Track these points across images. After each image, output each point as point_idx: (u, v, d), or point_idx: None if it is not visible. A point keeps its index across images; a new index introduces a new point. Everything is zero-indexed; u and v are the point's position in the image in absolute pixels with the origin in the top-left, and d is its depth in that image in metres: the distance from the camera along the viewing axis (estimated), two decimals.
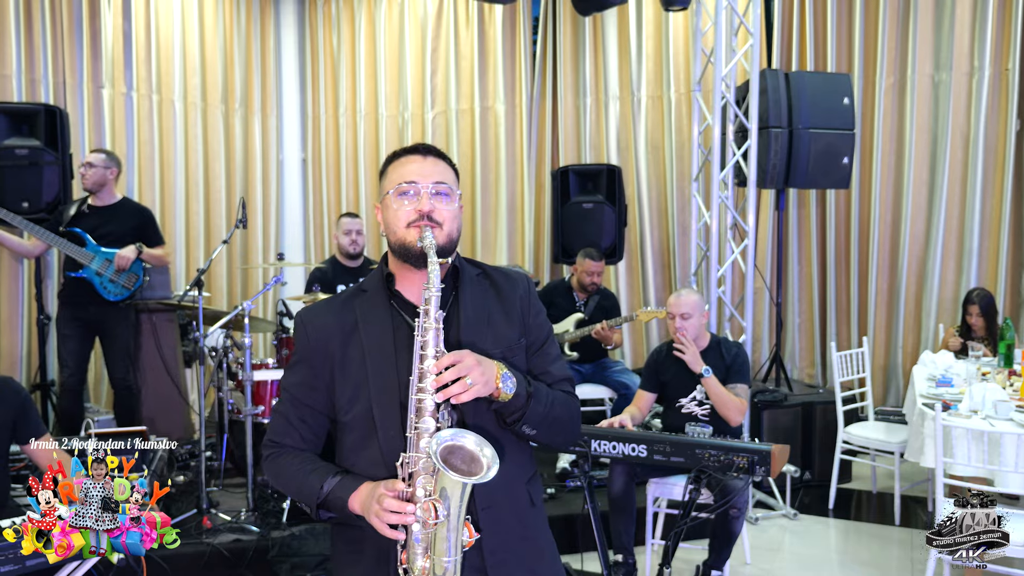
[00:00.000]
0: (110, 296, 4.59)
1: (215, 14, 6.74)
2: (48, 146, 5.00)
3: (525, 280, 1.88)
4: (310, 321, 1.82)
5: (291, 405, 1.81)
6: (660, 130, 6.68)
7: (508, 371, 1.65)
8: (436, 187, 1.74)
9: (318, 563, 3.55)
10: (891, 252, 6.09)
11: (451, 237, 1.74)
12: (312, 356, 1.79)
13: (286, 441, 1.80)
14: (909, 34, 5.91)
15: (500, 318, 1.80)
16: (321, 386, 1.77)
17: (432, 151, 1.81)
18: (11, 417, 2.94)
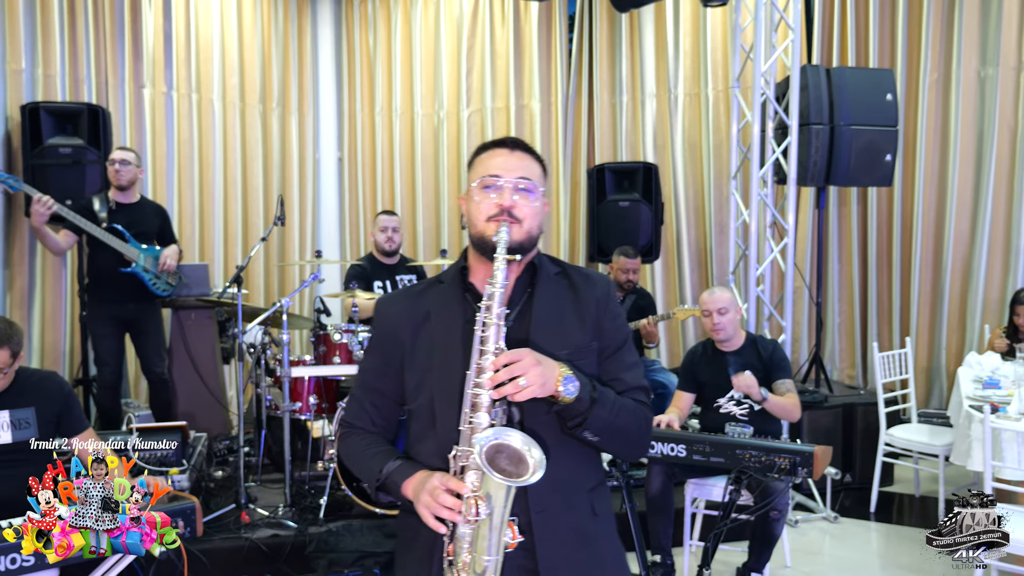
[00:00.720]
0: (159, 291, 4.66)
1: (253, 14, 6.80)
2: (91, 144, 5.09)
3: (605, 282, 1.83)
4: (385, 309, 1.85)
5: (364, 389, 1.85)
6: (697, 128, 6.62)
7: (572, 374, 1.60)
8: (520, 182, 1.71)
9: (355, 559, 3.55)
10: (935, 251, 5.96)
11: (531, 234, 1.71)
12: (384, 343, 1.81)
13: (358, 423, 1.84)
14: (954, 28, 5.79)
15: (573, 319, 1.75)
16: (392, 373, 1.79)
17: (520, 145, 1.78)
18: (55, 411, 2.99)
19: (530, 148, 1.79)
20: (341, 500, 4.11)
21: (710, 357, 3.88)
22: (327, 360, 4.28)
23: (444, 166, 7.14)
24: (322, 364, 4.28)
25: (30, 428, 2.92)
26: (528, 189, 1.71)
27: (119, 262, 4.52)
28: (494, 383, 1.55)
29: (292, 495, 4.14)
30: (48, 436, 2.96)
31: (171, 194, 6.12)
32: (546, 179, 1.80)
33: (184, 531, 2.73)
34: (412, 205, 7.23)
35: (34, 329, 5.40)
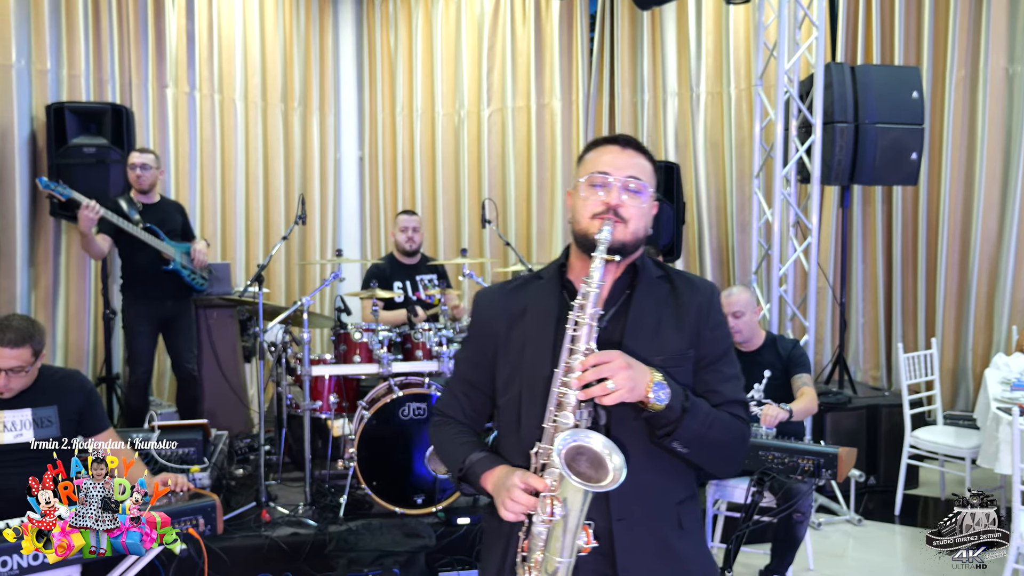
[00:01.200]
0: (197, 286, 4.77)
1: (275, 15, 6.83)
2: (114, 144, 5.12)
3: (709, 289, 1.77)
4: (482, 300, 1.85)
5: (458, 380, 1.87)
6: (719, 127, 6.57)
7: (664, 381, 1.55)
8: (629, 181, 1.67)
9: (375, 558, 3.54)
10: (961, 251, 5.88)
11: (636, 235, 1.67)
12: (479, 335, 1.82)
13: (449, 412, 1.86)
14: (982, 25, 5.70)
15: (670, 325, 1.69)
16: (486, 365, 1.79)
17: (632, 143, 1.74)
18: (78, 410, 3.00)
19: (642, 147, 1.75)
20: (361, 499, 4.11)
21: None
22: (347, 359, 4.28)
23: (464, 165, 7.13)
24: (342, 363, 4.28)
25: (52, 426, 2.93)
26: (637, 190, 1.67)
27: (159, 260, 4.58)
28: (581, 383, 1.52)
29: (312, 493, 4.15)
30: (70, 434, 2.98)
31: (193, 193, 6.15)
32: (655, 179, 1.76)
33: (204, 529, 2.74)
34: (432, 204, 7.23)
35: (58, 327, 5.45)
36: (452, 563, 3.82)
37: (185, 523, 2.69)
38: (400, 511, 3.96)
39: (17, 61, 5.18)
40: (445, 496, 4.02)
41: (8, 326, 2.78)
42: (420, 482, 4.01)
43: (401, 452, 4.01)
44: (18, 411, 2.87)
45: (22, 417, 2.88)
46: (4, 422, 2.85)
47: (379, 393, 4.20)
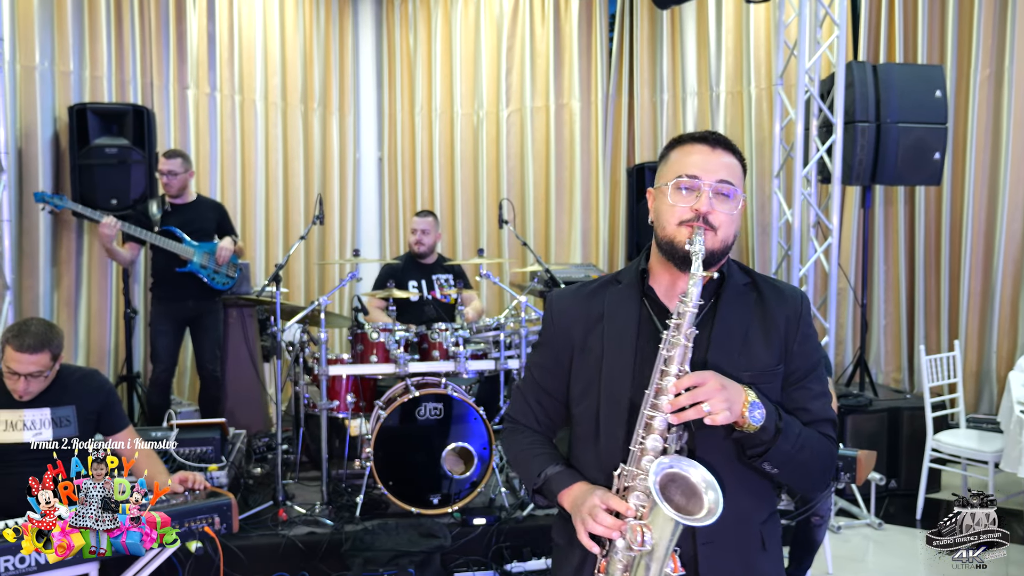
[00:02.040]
0: (218, 285, 4.78)
1: (295, 16, 6.86)
2: (136, 145, 5.17)
3: (798, 299, 1.66)
4: (557, 304, 1.76)
5: (530, 385, 1.79)
6: (739, 126, 6.52)
7: (758, 399, 1.48)
8: (720, 186, 1.56)
9: (390, 558, 3.54)
10: (985, 252, 5.79)
11: (725, 243, 1.58)
12: (554, 340, 1.73)
13: (521, 419, 1.79)
14: (1007, 23, 5.62)
15: (758, 338, 1.60)
16: (560, 372, 1.71)
17: (722, 142, 1.61)
18: (96, 409, 3.03)
19: (733, 147, 1.63)
20: (377, 499, 4.12)
21: None
22: (364, 359, 4.29)
23: (483, 165, 7.13)
24: (359, 363, 4.29)
25: (70, 426, 2.96)
26: (727, 194, 1.56)
27: (176, 263, 4.62)
28: (675, 407, 1.45)
29: (329, 493, 4.16)
30: (88, 434, 3.00)
31: (214, 194, 6.20)
32: (744, 181, 1.66)
33: (220, 527, 2.75)
34: (451, 204, 7.24)
35: (80, 326, 5.50)
36: (468, 563, 3.83)
37: (201, 521, 2.70)
38: (416, 511, 3.96)
39: (40, 63, 5.24)
40: (461, 497, 4.02)
41: (27, 331, 2.80)
42: (436, 482, 4.01)
43: (418, 452, 4.01)
44: (37, 410, 2.90)
45: (41, 416, 2.91)
46: (24, 421, 2.88)
47: (396, 393, 4.20)
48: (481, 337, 4.34)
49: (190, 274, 4.67)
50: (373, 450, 3.95)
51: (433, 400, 4.03)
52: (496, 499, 4.15)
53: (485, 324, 4.37)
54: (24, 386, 2.82)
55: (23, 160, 5.17)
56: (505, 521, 3.97)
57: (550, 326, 1.75)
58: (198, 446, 3.98)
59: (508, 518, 3.99)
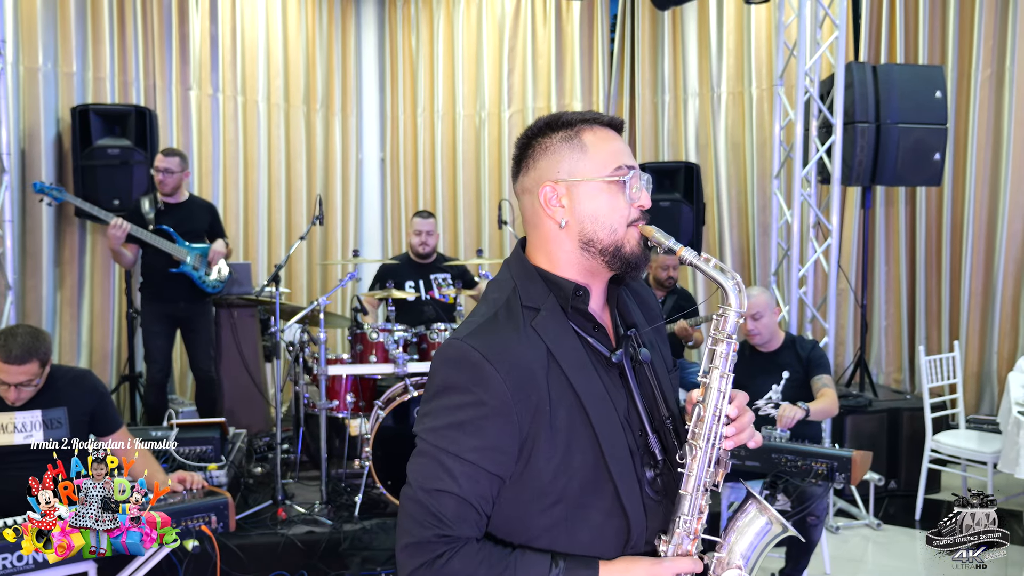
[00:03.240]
0: (208, 289, 4.76)
1: (298, 17, 6.89)
2: (138, 146, 5.20)
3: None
4: (501, 359, 1.26)
5: (473, 480, 1.25)
6: (740, 127, 6.53)
7: None
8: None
9: (388, 557, 3.56)
10: (986, 252, 5.79)
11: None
12: (510, 409, 1.25)
13: (462, 531, 1.25)
14: (1008, 23, 5.62)
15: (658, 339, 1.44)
16: (514, 450, 1.27)
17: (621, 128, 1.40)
18: (88, 410, 3.02)
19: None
20: (376, 498, 4.13)
21: (748, 359, 3.81)
22: (364, 359, 4.31)
23: (485, 166, 7.15)
24: (359, 363, 4.31)
25: (62, 428, 2.95)
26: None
27: (169, 263, 4.62)
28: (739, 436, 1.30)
29: (328, 492, 4.17)
30: (81, 435, 3.00)
31: (216, 194, 6.22)
32: None
33: (217, 526, 2.77)
34: (453, 205, 7.26)
35: (83, 326, 5.53)
36: None
37: (198, 520, 2.73)
38: None
39: (44, 64, 5.27)
40: None
41: (13, 342, 2.79)
42: None
43: None
44: (28, 412, 2.90)
45: (32, 419, 2.91)
46: (14, 423, 2.89)
47: (395, 393, 4.22)
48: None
49: (182, 275, 4.67)
50: (372, 449, 3.96)
51: None
52: None
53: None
54: (15, 395, 2.82)
55: (26, 161, 5.21)
56: None
57: (501, 393, 1.24)
58: (198, 445, 4.00)
59: None
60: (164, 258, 4.61)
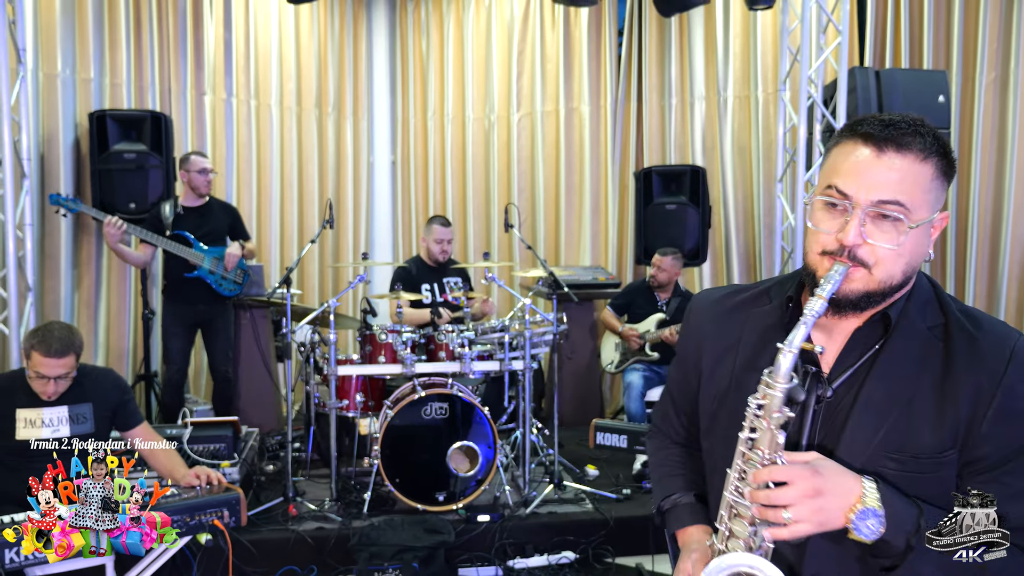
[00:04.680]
0: (225, 292, 4.88)
1: (310, 23, 6.99)
2: (153, 150, 5.31)
3: (1006, 356, 1.20)
4: (694, 317, 1.50)
5: (670, 396, 1.61)
6: (747, 130, 6.59)
7: (875, 505, 1.14)
8: (879, 207, 1.18)
9: (395, 553, 3.64)
10: (991, 254, 5.84)
11: (888, 283, 1.20)
12: (686, 357, 1.51)
13: (663, 428, 1.64)
14: (1013, 27, 5.67)
15: (927, 409, 1.21)
16: (691, 394, 1.50)
17: (894, 140, 1.18)
18: (112, 406, 3.15)
19: (916, 139, 1.19)
20: (385, 496, 4.22)
21: None
22: (373, 359, 4.40)
23: (495, 169, 7.23)
24: (368, 363, 4.40)
25: (87, 422, 3.08)
26: (893, 216, 1.18)
27: (186, 267, 4.73)
28: (752, 501, 1.19)
29: (338, 490, 4.27)
30: (104, 430, 3.14)
31: (230, 197, 6.33)
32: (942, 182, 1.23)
33: (229, 520, 2.87)
34: (463, 208, 7.34)
35: (100, 327, 5.66)
36: (472, 559, 3.92)
37: (211, 514, 2.82)
38: (422, 508, 4.06)
39: (62, 71, 5.40)
40: (466, 494, 4.12)
41: (52, 336, 2.93)
42: (442, 480, 4.11)
43: (424, 450, 4.11)
44: (55, 408, 3.03)
45: (59, 414, 3.04)
46: (43, 419, 3.01)
47: (403, 393, 4.31)
48: (486, 339, 4.44)
49: (199, 279, 4.79)
50: (381, 448, 4.06)
51: (439, 400, 4.14)
52: (500, 497, 4.24)
53: (491, 325, 4.47)
54: (53, 388, 2.95)
55: (45, 165, 5.33)
56: (509, 518, 4.06)
57: (683, 340, 1.53)
58: (211, 443, 4.11)
59: (512, 515, 4.09)
60: (182, 263, 4.73)
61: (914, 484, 1.20)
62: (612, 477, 4.72)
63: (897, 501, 1.16)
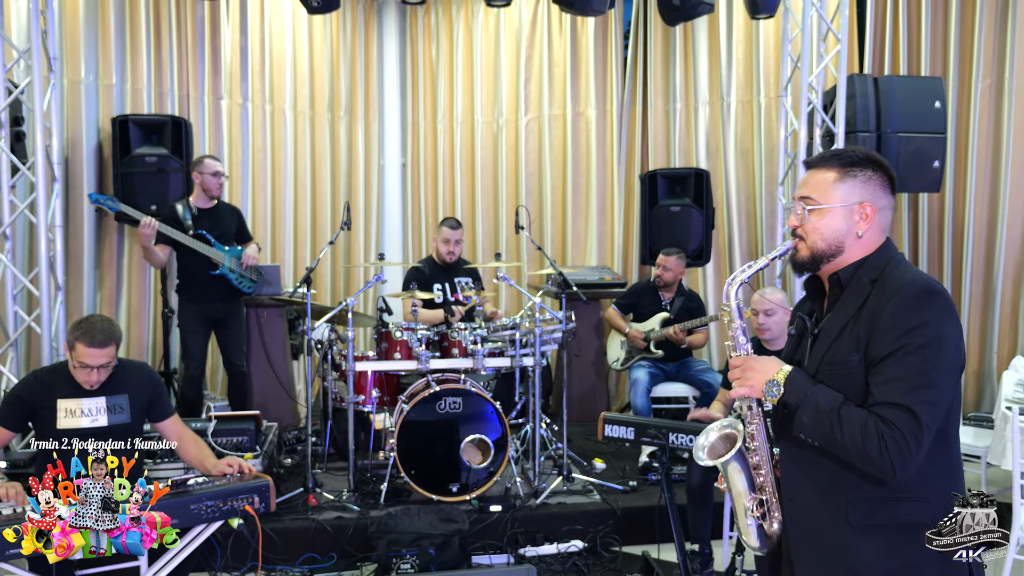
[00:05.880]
0: (245, 289, 5.07)
1: (324, 28, 7.15)
2: (174, 154, 5.47)
3: (892, 292, 1.76)
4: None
5: None
6: (750, 134, 6.74)
7: (782, 380, 1.79)
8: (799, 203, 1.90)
9: (412, 540, 3.80)
10: (987, 255, 5.99)
11: (814, 250, 1.86)
12: None
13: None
14: (1008, 34, 5.82)
15: (850, 332, 1.80)
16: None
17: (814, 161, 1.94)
18: (147, 397, 3.32)
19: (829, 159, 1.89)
20: (400, 487, 4.39)
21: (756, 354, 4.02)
22: (388, 356, 4.56)
23: (503, 172, 7.38)
24: (384, 359, 4.56)
25: (124, 413, 3.25)
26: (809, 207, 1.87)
27: (209, 265, 4.90)
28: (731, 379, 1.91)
29: (355, 481, 4.44)
30: (139, 420, 3.30)
31: (245, 199, 6.50)
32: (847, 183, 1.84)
33: (259, 506, 3.02)
34: (472, 209, 7.49)
35: (121, 324, 5.82)
36: (485, 547, 4.09)
37: (242, 500, 2.97)
38: (436, 499, 4.23)
39: (86, 77, 5.58)
40: (478, 485, 4.29)
41: (95, 328, 3.09)
42: (455, 472, 4.27)
43: (438, 443, 4.28)
44: (94, 399, 3.19)
45: (97, 404, 3.20)
46: (82, 409, 3.18)
47: (418, 388, 4.47)
48: (498, 336, 4.59)
49: (219, 276, 4.96)
50: (396, 441, 4.22)
51: (452, 395, 4.30)
52: (512, 488, 4.41)
53: (502, 323, 4.63)
54: (96, 376, 3.12)
55: (69, 169, 5.51)
56: (520, 508, 4.23)
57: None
58: (234, 436, 4.28)
59: (523, 506, 4.26)
60: (202, 261, 4.88)
61: (836, 380, 1.79)
62: (619, 470, 4.89)
63: (799, 379, 1.80)
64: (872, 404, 1.70)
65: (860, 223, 1.83)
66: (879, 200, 1.85)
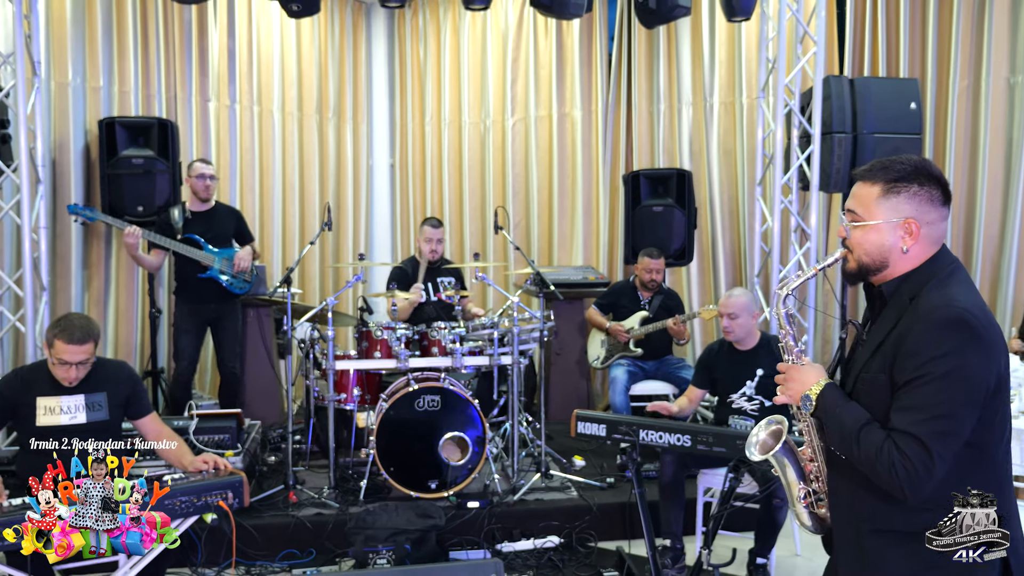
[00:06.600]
0: (236, 290, 5.12)
1: (311, 29, 7.21)
2: (160, 156, 5.53)
3: (920, 317, 1.76)
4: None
5: None
6: (732, 135, 6.80)
7: (815, 395, 1.86)
8: (846, 215, 1.94)
9: (389, 535, 3.85)
10: (964, 255, 6.06)
11: (860, 263, 1.89)
12: None
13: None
14: (984, 36, 5.89)
15: (885, 350, 1.80)
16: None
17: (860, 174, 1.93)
18: (125, 395, 3.38)
19: (875, 172, 1.86)
20: (380, 484, 4.45)
21: (726, 355, 4.10)
22: (369, 355, 4.62)
23: (490, 172, 7.44)
24: (364, 358, 4.63)
25: (102, 410, 3.31)
26: (853, 221, 1.89)
27: (198, 268, 4.97)
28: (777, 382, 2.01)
29: (336, 478, 4.51)
30: (117, 418, 3.37)
31: (233, 200, 6.55)
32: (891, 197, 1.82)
33: (233, 501, 3.08)
34: (459, 210, 7.55)
35: (109, 325, 5.90)
36: (462, 543, 4.15)
37: (216, 496, 3.03)
38: (415, 495, 4.29)
39: (73, 79, 5.64)
40: (457, 482, 4.35)
41: (73, 326, 3.15)
42: (434, 469, 4.34)
43: (417, 441, 4.35)
44: (73, 396, 3.26)
45: (76, 402, 3.27)
46: (61, 406, 3.24)
47: (398, 386, 4.54)
48: (477, 335, 4.66)
49: (210, 279, 5.02)
50: (376, 439, 4.29)
51: (431, 393, 4.37)
52: (490, 485, 4.48)
53: (481, 323, 4.70)
54: (75, 373, 3.18)
55: (56, 170, 5.57)
56: (497, 505, 4.30)
57: None
58: (215, 434, 4.35)
59: (500, 502, 4.33)
60: (194, 264, 4.96)
61: (866, 395, 1.84)
62: (597, 467, 4.96)
63: (831, 396, 1.86)
64: (891, 428, 1.75)
65: (905, 238, 1.82)
66: (926, 215, 1.82)
